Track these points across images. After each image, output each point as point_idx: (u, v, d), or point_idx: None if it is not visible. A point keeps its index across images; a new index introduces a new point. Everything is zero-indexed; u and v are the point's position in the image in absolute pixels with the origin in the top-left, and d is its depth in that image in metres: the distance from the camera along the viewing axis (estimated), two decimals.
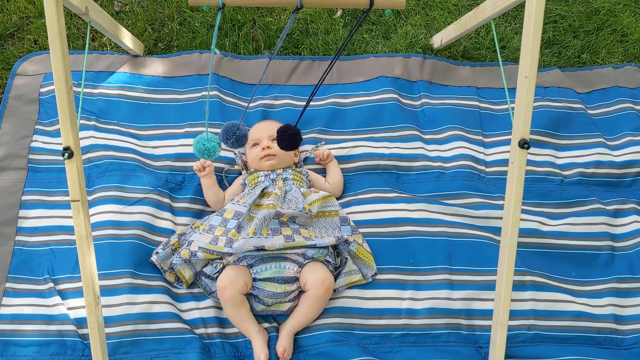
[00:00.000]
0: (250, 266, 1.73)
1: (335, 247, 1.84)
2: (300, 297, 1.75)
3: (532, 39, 1.40)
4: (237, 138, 1.39)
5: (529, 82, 1.43)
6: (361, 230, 1.88)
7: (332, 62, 1.25)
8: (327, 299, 1.73)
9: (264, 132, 1.97)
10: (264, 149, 1.93)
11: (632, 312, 1.84)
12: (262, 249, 1.71)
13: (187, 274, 1.79)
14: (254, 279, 1.72)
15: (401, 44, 2.31)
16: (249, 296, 1.74)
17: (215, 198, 1.92)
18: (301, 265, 1.75)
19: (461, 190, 2.00)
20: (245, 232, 1.76)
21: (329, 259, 1.79)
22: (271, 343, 1.71)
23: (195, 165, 1.93)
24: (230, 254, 1.73)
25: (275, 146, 1.94)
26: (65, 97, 1.39)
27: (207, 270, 1.79)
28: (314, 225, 1.85)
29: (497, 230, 1.86)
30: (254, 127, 2.04)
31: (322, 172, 2.04)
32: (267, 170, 1.93)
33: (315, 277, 1.71)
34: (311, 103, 2.16)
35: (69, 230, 1.84)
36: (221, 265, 1.76)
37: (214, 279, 1.78)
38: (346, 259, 1.82)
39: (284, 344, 1.67)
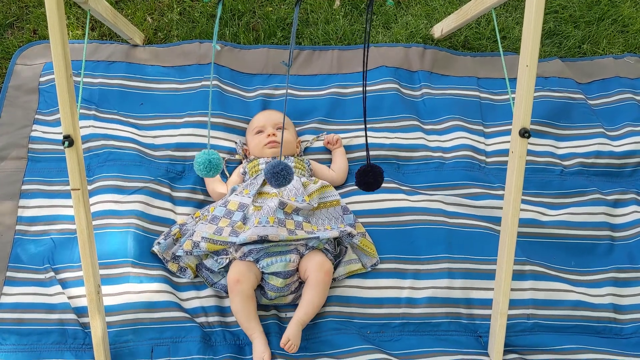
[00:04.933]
0: (257, 261, 1.73)
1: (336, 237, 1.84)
2: (302, 287, 1.75)
3: (533, 26, 1.40)
4: (283, 177, 1.31)
5: (529, 71, 1.42)
6: (361, 220, 1.88)
7: (365, 51, 1.22)
8: (328, 282, 1.72)
9: (268, 120, 1.97)
10: (269, 135, 1.93)
11: (631, 301, 1.84)
12: (266, 240, 1.71)
13: (194, 265, 1.80)
14: (262, 273, 1.72)
15: (402, 34, 2.30)
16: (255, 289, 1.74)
17: (219, 191, 1.91)
18: (302, 255, 1.75)
19: (461, 181, 2.00)
20: (251, 222, 1.76)
21: (328, 247, 1.79)
22: (270, 330, 1.71)
23: None
24: (236, 248, 1.73)
25: (280, 134, 1.95)
26: (65, 86, 1.39)
27: (208, 263, 1.78)
28: (316, 217, 1.85)
29: (497, 220, 1.86)
30: (258, 114, 2.04)
31: (322, 161, 2.04)
32: (269, 158, 1.93)
33: (314, 262, 1.71)
34: (311, 93, 2.17)
35: (69, 219, 1.84)
36: (227, 261, 1.75)
37: (216, 272, 1.78)
38: (346, 248, 1.82)
39: (289, 334, 1.62)
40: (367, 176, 1.32)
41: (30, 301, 1.72)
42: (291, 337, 1.61)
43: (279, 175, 1.29)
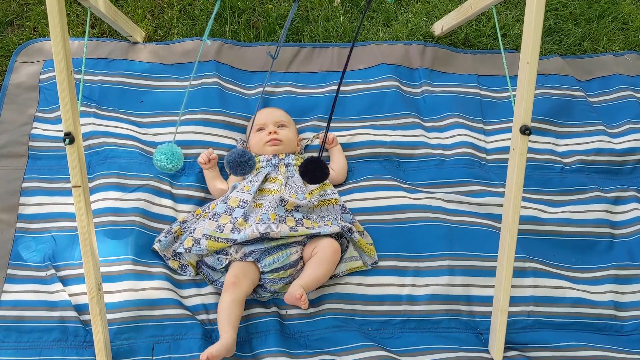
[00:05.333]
0: (257, 260, 1.73)
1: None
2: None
3: (534, 23, 1.40)
4: (243, 165, 1.32)
5: (530, 68, 1.42)
6: (362, 217, 1.88)
7: (351, 48, 1.24)
8: (335, 261, 1.73)
9: (269, 117, 1.97)
10: (270, 133, 1.93)
11: (631, 298, 1.85)
12: (267, 237, 1.71)
13: (195, 262, 1.80)
14: (262, 272, 1.72)
15: (402, 31, 2.30)
16: (255, 287, 1.75)
17: (220, 188, 1.91)
18: (304, 245, 1.76)
19: (462, 178, 2.00)
20: (252, 219, 1.76)
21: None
22: (269, 327, 1.71)
23: (200, 157, 1.91)
24: (236, 249, 1.72)
25: (281, 132, 1.94)
26: (66, 83, 1.39)
27: (209, 260, 1.78)
28: (316, 214, 1.85)
29: (497, 218, 1.86)
30: (259, 112, 2.04)
31: (324, 160, 2.04)
32: (269, 155, 1.93)
33: (322, 242, 1.72)
34: (311, 91, 2.17)
35: (70, 216, 1.84)
36: (226, 262, 1.75)
37: (216, 270, 1.78)
38: (348, 242, 1.82)
39: (300, 289, 1.60)
40: (307, 167, 1.31)
41: (31, 299, 1.72)
42: (303, 292, 1.60)
43: (245, 165, 1.30)
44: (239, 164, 1.30)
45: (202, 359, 1.51)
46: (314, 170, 1.28)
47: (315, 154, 2.01)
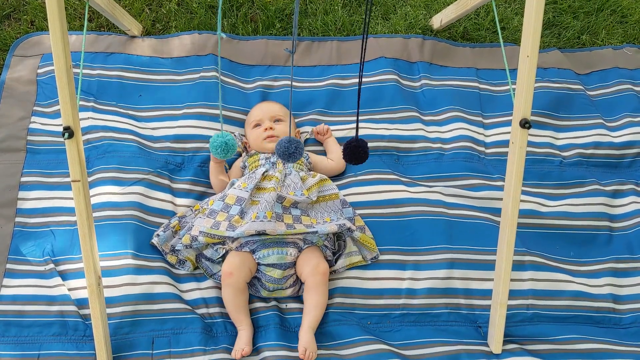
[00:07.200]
0: (253, 252, 1.73)
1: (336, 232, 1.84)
2: (300, 281, 1.76)
3: (534, 16, 1.39)
4: (291, 153, 1.29)
5: (530, 61, 1.42)
6: (361, 211, 1.88)
7: (363, 41, 1.24)
8: (326, 281, 1.72)
9: (265, 113, 1.96)
10: (266, 129, 1.92)
11: (629, 291, 1.85)
12: (263, 234, 1.71)
13: (193, 257, 1.80)
14: (258, 264, 1.73)
15: (400, 24, 2.30)
16: (254, 279, 1.75)
17: (222, 183, 1.91)
18: (300, 250, 1.75)
19: (461, 172, 2.00)
20: (248, 216, 1.75)
21: (327, 244, 1.80)
22: (270, 322, 1.71)
23: None
24: (233, 239, 1.73)
25: (277, 127, 1.94)
26: (64, 77, 1.38)
27: (208, 253, 1.79)
28: (315, 210, 1.84)
29: (496, 211, 1.86)
30: (255, 108, 2.03)
31: (322, 153, 2.04)
32: (269, 153, 1.92)
33: (310, 267, 1.71)
34: (310, 84, 2.17)
35: (69, 211, 1.84)
36: (223, 251, 1.76)
37: (215, 262, 1.79)
38: (344, 241, 1.82)
39: (304, 342, 1.62)
40: (357, 152, 1.35)
41: (30, 293, 1.72)
42: (307, 345, 1.62)
43: (292, 156, 1.28)
44: (282, 154, 1.28)
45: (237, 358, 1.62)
46: (357, 152, 1.34)
47: (315, 149, 2.03)
